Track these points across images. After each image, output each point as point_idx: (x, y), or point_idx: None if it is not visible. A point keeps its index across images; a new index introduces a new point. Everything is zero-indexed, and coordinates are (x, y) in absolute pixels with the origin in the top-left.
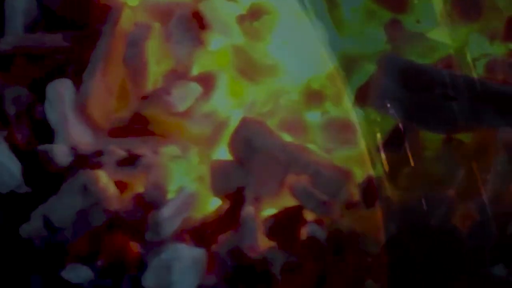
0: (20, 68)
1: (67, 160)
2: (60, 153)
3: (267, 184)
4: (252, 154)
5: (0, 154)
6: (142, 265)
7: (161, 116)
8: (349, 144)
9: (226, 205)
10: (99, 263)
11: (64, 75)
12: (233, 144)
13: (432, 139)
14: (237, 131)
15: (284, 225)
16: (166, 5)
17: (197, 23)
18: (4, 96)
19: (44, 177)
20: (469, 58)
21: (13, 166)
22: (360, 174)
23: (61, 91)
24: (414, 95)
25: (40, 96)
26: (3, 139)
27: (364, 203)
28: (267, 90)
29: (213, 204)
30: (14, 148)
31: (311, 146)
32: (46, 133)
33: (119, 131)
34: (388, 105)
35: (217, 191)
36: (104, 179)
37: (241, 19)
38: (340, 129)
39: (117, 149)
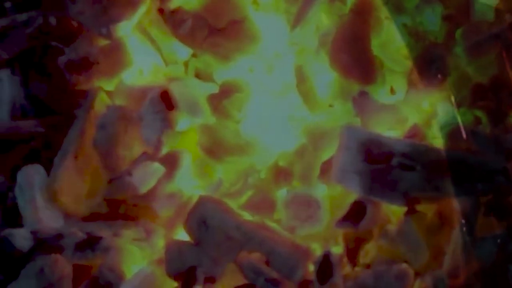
0: None
1: (27, 245)
2: (20, 237)
3: (220, 264)
4: (207, 233)
5: None
6: None
7: (127, 199)
8: (312, 220)
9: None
10: None
11: (39, 160)
12: (189, 223)
13: (395, 211)
14: (193, 210)
15: None
16: (140, 88)
17: (165, 103)
18: None
19: (8, 262)
20: (435, 127)
21: None
22: (320, 252)
23: (31, 176)
24: (372, 167)
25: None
26: None
27: (318, 280)
28: (235, 170)
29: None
30: None
31: (273, 224)
32: (16, 219)
33: (90, 215)
34: (348, 179)
35: (170, 272)
36: (61, 262)
37: (212, 98)
38: (303, 206)
39: (77, 232)
